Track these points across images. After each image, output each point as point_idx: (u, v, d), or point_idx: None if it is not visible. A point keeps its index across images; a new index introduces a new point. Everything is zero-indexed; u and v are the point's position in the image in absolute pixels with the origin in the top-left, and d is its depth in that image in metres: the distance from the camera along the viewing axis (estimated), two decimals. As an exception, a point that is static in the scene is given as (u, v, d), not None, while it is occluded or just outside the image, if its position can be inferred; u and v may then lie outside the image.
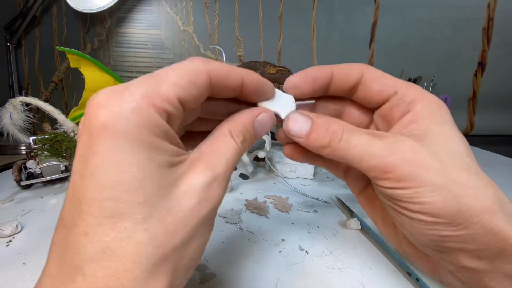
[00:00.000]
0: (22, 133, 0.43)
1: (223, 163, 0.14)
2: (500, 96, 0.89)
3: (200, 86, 0.13)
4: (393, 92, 0.17)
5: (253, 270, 0.26)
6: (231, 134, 0.15)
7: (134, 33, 0.90)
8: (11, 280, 0.25)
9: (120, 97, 0.11)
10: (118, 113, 0.11)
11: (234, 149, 0.14)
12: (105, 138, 0.11)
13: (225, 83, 0.14)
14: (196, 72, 0.13)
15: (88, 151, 0.11)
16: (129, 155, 0.11)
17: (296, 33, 0.88)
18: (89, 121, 0.12)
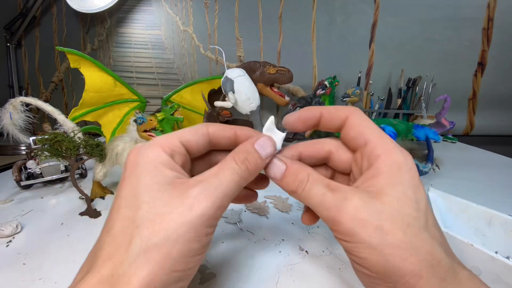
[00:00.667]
0: (22, 133, 0.43)
1: (217, 181, 0.16)
2: (500, 96, 0.89)
3: (200, 134, 0.19)
4: (363, 142, 0.18)
5: (253, 270, 0.26)
6: (234, 159, 0.18)
7: (134, 33, 0.90)
8: (11, 280, 0.25)
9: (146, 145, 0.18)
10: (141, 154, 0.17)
11: (232, 169, 0.17)
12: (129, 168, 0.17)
13: (221, 134, 0.20)
14: (198, 127, 0.19)
15: (122, 177, 0.17)
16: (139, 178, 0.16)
17: (296, 33, 0.89)
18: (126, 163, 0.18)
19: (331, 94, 0.54)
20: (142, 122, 0.39)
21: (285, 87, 0.84)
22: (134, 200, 0.15)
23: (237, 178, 0.17)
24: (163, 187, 0.16)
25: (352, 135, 0.19)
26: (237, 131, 0.20)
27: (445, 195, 0.33)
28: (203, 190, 0.16)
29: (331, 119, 0.20)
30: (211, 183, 0.16)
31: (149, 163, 0.17)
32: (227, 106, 0.45)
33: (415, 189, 0.16)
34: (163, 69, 0.92)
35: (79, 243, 0.31)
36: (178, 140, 0.18)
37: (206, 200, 0.16)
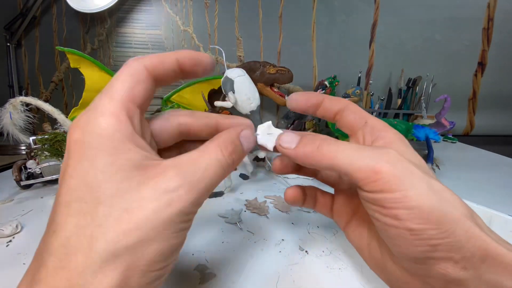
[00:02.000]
0: (22, 133, 0.43)
1: (199, 173, 0.14)
2: (500, 96, 0.89)
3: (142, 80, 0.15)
4: (363, 122, 0.19)
5: (253, 270, 0.26)
6: (220, 148, 0.15)
7: (134, 33, 0.90)
8: (11, 280, 0.25)
9: (87, 115, 0.14)
10: (85, 129, 0.13)
11: (217, 162, 0.15)
12: (76, 150, 0.13)
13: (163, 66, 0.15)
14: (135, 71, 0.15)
15: (65, 164, 0.13)
16: (93, 162, 0.12)
17: (296, 33, 0.89)
18: (67, 141, 0.13)
19: (331, 94, 0.54)
20: (142, 122, 0.39)
21: (285, 87, 0.84)
22: (89, 192, 0.12)
23: (221, 172, 0.15)
24: (129, 173, 0.13)
25: (352, 117, 0.20)
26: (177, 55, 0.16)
27: (445, 195, 0.33)
28: (184, 182, 0.13)
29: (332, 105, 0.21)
30: (193, 174, 0.14)
31: (106, 142, 0.13)
32: (227, 106, 0.45)
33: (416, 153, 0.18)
34: (163, 69, 0.92)
35: (79, 243, 0.31)
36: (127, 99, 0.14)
37: (187, 195, 0.13)
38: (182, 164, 0.14)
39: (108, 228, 0.12)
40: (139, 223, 0.12)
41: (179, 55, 0.16)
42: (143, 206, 0.12)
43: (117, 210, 0.12)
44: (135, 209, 0.12)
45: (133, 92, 0.14)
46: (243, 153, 0.17)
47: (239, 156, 0.16)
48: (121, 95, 0.14)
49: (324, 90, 0.53)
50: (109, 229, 0.12)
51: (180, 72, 0.16)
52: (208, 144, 0.16)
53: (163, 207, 0.13)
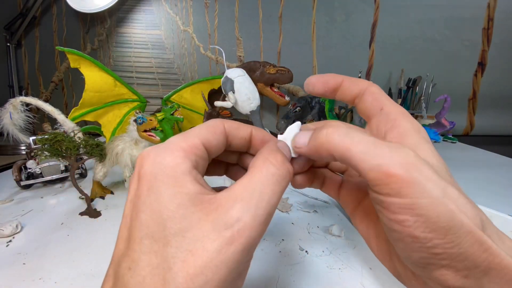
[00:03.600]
0: (22, 133, 0.43)
1: (256, 198, 0.13)
2: (500, 96, 0.89)
3: (218, 133, 0.16)
4: (379, 107, 0.18)
5: (253, 270, 0.26)
6: (268, 160, 0.15)
7: (134, 33, 0.90)
8: (11, 280, 0.25)
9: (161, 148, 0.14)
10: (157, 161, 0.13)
11: (272, 176, 0.14)
12: (144, 181, 0.13)
13: (237, 132, 0.17)
14: (214, 125, 0.16)
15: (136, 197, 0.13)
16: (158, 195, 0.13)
17: (296, 33, 0.89)
18: (137, 171, 0.14)
19: (331, 94, 0.54)
20: (142, 122, 0.39)
21: (285, 87, 0.84)
22: (159, 230, 0.12)
23: (279, 187, 0.14)
24: (188, 211, 0.13)
25: (370, 100, 0.19)
26: (253, 130, 0.17)
27: (445, 195, 0.33)
28: (243, 213, 0.13)
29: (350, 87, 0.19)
30: (250, 201, 0.13)
31: (171, 174, 0.13)
32: (227, 106, 0.45)
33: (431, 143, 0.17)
34: (163, 69, 0.92)
35: (79, 243, 0.31)
36: (199, 141, 0.14)
37: (250, 229, 0.12)
38: (237, 193, 0.13)
39: (177, 273, 0.12)
40: (203, 266, 0.12)
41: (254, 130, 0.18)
42: (206, 247, 0.12)
43: (183, 252, 0.12)
44: (199, 250, 0.12)
45: (207, 139, 0.15)
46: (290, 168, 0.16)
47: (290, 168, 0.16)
48: (196, 138, 0.14)
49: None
50: (178, 274, 0.12)
51: (248, 144, 0.18)
52: (255, 162, 0.15)
53: (224, 246, 0.12)
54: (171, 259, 0.12)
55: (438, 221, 0.13)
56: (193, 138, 0.14)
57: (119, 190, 0.45)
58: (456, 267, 0.14)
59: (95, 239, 0.32)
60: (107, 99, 0.51)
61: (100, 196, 0.42)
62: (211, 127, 0.16)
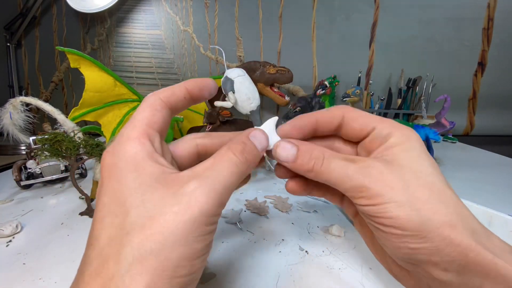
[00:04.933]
0: (22, 133, 0.43)
1: (214, 174, 0.15)
2: (500, 96, 0.89)
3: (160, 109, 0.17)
4: (371, 128, 0.19)
5: (253, 270, 0.26)
6: (231, 150, 0.16)
7: (134, 33, 0.90)
8: (11, 280, 0.25)
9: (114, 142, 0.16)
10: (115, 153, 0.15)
11: (230, 161, 0.16)
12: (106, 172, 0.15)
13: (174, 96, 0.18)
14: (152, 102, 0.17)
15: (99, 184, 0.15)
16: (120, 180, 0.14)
17: (296, 33, 0.88)
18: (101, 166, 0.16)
19: (331, 94, 0.54)
20: (142, 122, 0.38)
21: (285, 87, 0.84)
22: (119, 206, 0.14)
23: (236, 170, 0.16)
24: (151, 187, 0.14)
25: (357, 126, 0.19)
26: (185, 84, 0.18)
27: (445, 195, 0.33)
28: (200, 185, 0.14)
29: (327, 121, 0.20)
30: (207, 176, 0.15)
31: (129, 161, 0.15)
32: (227, 106, 0.45)
33: (427, 153, 0.18)
34: (163, 69, 0.92)
35: (79, 243, 0.31)
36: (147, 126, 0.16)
37: (205, 195, 0.14)
38: (198, 171, 0.15)
39: (133, 235, 0.13)
40: (161, 228, 0.13)
41: (187, 84, 0.18)
42: (165, 212, 0.13)
43: (142, 219, 0.13)
44: (157, 216, 0.13)
45: (152, 119, 0.16)
46: (256, 151, 0.18)
47: (252, 154, 0.17)
48: (142, 123, 0.16)
49: (324, 90, 0.53)
50: (134, 235, 0.13)
51: (190, 98, 0.19)
52: (220, 149, 0.17)
53: (182, 210, 0.13)
54: (129, 226, 0.13)
55: (408, 220, 0.15)
56: (139, 123, 0.16)
57: (119, 190, 0.45)
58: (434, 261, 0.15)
59: (95, 239, 0.32)
60: (107, 99, 0.51)
61: (100, 196, 0.42)
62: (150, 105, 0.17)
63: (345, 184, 0.17)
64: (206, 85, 0.19)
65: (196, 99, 0.19)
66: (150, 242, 0.13)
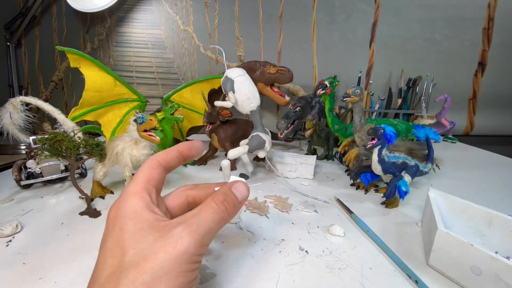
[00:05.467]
0: (22, 133, 0.43)
1: (198, 220, 0.18)
2: (500, 96, 0.89)
3: (156, 166, 0.21)
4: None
5: (253, 270, 0.26)
6: (213, 199, 0.20)
7: (134, 32, 0.90)
8: (11, 280, 0.25)
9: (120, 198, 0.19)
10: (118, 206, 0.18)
11: (212, 209, 0.19)
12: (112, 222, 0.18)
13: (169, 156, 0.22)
14: (150, 162, 0.21)
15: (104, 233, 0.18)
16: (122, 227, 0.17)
17: (297, 33, 0.88)
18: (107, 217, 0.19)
19: (331, 94, 0.54)
20: (142, 121, 0.39)
21: (285, 87, 0.84)
22: (119, 249, 0.16)
23: (217, 217, 0.19)
24: (146, 232, 0.17)
25: None
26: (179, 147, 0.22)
27: (445, 195, 0.33)
28: (185, 229, 0.17)
29: None
30: (192, 222, 0.18)
31: (130, 212, 0.18)
32: (227, 106, 0.45)
33: None
34: (163, 68, 0.92)
35: (79, 242, 0.31)
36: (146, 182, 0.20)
37: (189, 237, 0.17)
38: (186, 218, 0.18)
39: (130, 271, 0.15)
40: (152, 264, 0.16)
41: (179, 147, 0.22)
42: (155, 251, 0.16)
43: (138, 258, 0.16)
44: (149, 255, 0.16)
45: (150, 176, 0.20)
46: (236, 201, 0.21)
47: (232, 203, 0.20)
48: (142, 180, 0.20)
49: (324, 90, 0.53)
50: (130, 271, 0.15)
51: (181, 157, 0.22)
52: (206, 200, 0.20)
53: (169, 249, 0.16)
54: (127, 263, 0.16)
55: None
56: (138, 183, 0.20)
57: (119, 190, 0.45)
58: None
59: (95, 239, 0.32)
60: (107, 99, 0.51)
61: (100, 196, 0.42)
62: (149, 165, 0.21)
63: None
64: (194, 147, 0.23)
65: (186, 157, 0.23)
66: (143, 275, 0.15)
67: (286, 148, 0.73)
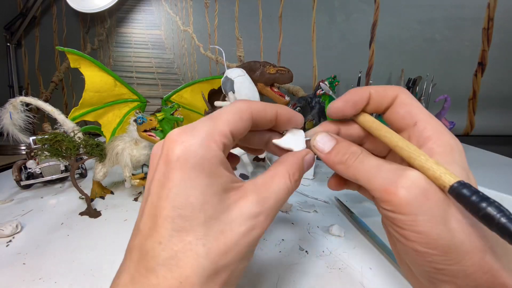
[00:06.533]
0: (22, 133, 0.43)
1: (273, 199, 0.16)
2: (500, 96, 0.89)
3: (245, 120, 0.17)
4: (412, 122, 0.17)
5: (253, 270, 0.26)
6: (288, 174, 0.17)
7: (134, 33, 0.90)
8: (11, 280, 0.25)
9: (190, 134, 0.15)
10: (188, 148, 0.14)
11: (286, 188, 0.17)
12: (179, 168, 0.14)
13: (264, 115, 0.18)
14: (241, 110, 0.17)
15: (165, 178, 0.14)
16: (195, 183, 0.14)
17: (296, 33, 0.88)
18: (166, 153, 0.15)
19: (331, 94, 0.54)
20: (142, 122, 0.39)
21: (285, 87, 0.84)
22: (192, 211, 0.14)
23: (287, 196, 0.17)
24: (221, 196, 0.14)
25: (402, 113, 0.18)
26: (279, 110, 0.18)
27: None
28: (262, 210, 0.15)
29: (380, 99, 0.18)
30: (268, 200, 0.16)
31: (206, 165, 0.14)
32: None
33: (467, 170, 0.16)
34: (163, 69, 0.92)
35: (79, 243, 0.31)
36: (228, 130, 0.16)
37: (265, 222, 0.15)
38: (260, 188, 0.16)
39: (210, 249, 0.13)
40: (231, 245, 0.14)
41: (280, 109, 0.18)
42: (234, 230, 0.14)
43: (215, 232, 0.14)
44: (228, 232, 0.14)
45: (235, 126, 0.16)
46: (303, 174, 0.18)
47: (301, 178, 0.18)
48: (226, 126, 0.16)
49: (324, 91, 0.53)
50: (211, 249, 0.13)
51: (275, 123, 0.19)
52: (278, 166, 0.17)
53: (247, 232, 0.14)
54: (204, 237, 0.14)
55: (438, 238, 0.14)
56: (222, 125, 0.15)
57: (119, 190, 0.45)
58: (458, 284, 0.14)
59: (95, 239, 0.32)
60: (107, 99, 0.51)
61: (100, 196, 0.42)
62: (238, 112, 0.16)
63: (374, 183, 0.16)
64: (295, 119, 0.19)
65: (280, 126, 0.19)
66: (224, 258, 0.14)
67: (286, 148, 0.73)
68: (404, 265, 0.18)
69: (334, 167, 0.18)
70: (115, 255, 0.28)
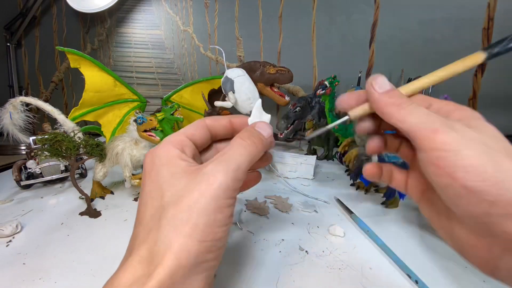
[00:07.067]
0: (22, 133, 0.43)
1: (227, 155, 0.19)
2: (500, 96, 0.89)
3: (200, 127, 0.22)
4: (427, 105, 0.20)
5: (253, 270, 0.26)
6: (238, 136, 0.20)
7: (134, 33, 0.90)
8: (11, 280, 0.25)
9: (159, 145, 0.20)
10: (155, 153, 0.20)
11: (239, 144, 0.19)
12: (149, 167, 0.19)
13: (218, 123, 0.23)
14: (197, 122, 0.22)
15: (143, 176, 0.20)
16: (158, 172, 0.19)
17: (296, 33, 0.88)
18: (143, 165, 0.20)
19: (331, 94, 0.54)
20: (142, 122, 0.39)
21: (285, 87, 0.84)
22: (158, 192, 0.18)
23: (246, 151, 0.19)
24: (180, 175, 0.18)
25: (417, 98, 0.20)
26: (231, 118, 0.23)
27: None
28: (216, 165, 0.18)
29: None
30: (222, 159, 0.18)
31: (164, 159, 0.19)
32: (227, 106, 0.45)
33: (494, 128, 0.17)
34: (163, 69, 0.92)
35: (79, 243, 0.31)
36: (184, 136, 0.21)
37: (221, 173, 0.17)
38: (216, 158, 0.19)
39: (169, 210, 0.17)
40: (189, 202, 0.17)
41: (233, 118, 0.23)
42: (191, 190, 0.17)
43: (174, 197, 0.17)
44: (185, 194, 0.17)
45: (190, 132, 0.21)
46: (263, 138, 0.21)
47: (258, 139, 0.20)
48: (182, 133, 0.21)
49: (324, 90, 0.53)
50: (169, 210, 0.17)
51: (230, 128, 0.23)
52: (232, 140, 0.20)
53: (204, 186, 0.17)
54: (166, 203, 0.17)
55: (485, 170, 0.14)
56: (178, 134, 0.21)
57: (119, 190, 0.45)
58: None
59: (95, 239, 0.32)
60: (107, 99, 0.51)
61: (100, 196, 0.42)
62: (194, 123, 0.22)
63: (420, 125, 0.17)
64: (244, 123, 0.23)
65: (235, 130, 0.23)
66: (181, 213, 0.16)
67: (286, 148, 0.73)
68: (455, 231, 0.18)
69: (384, 108, 0.19)
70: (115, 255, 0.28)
